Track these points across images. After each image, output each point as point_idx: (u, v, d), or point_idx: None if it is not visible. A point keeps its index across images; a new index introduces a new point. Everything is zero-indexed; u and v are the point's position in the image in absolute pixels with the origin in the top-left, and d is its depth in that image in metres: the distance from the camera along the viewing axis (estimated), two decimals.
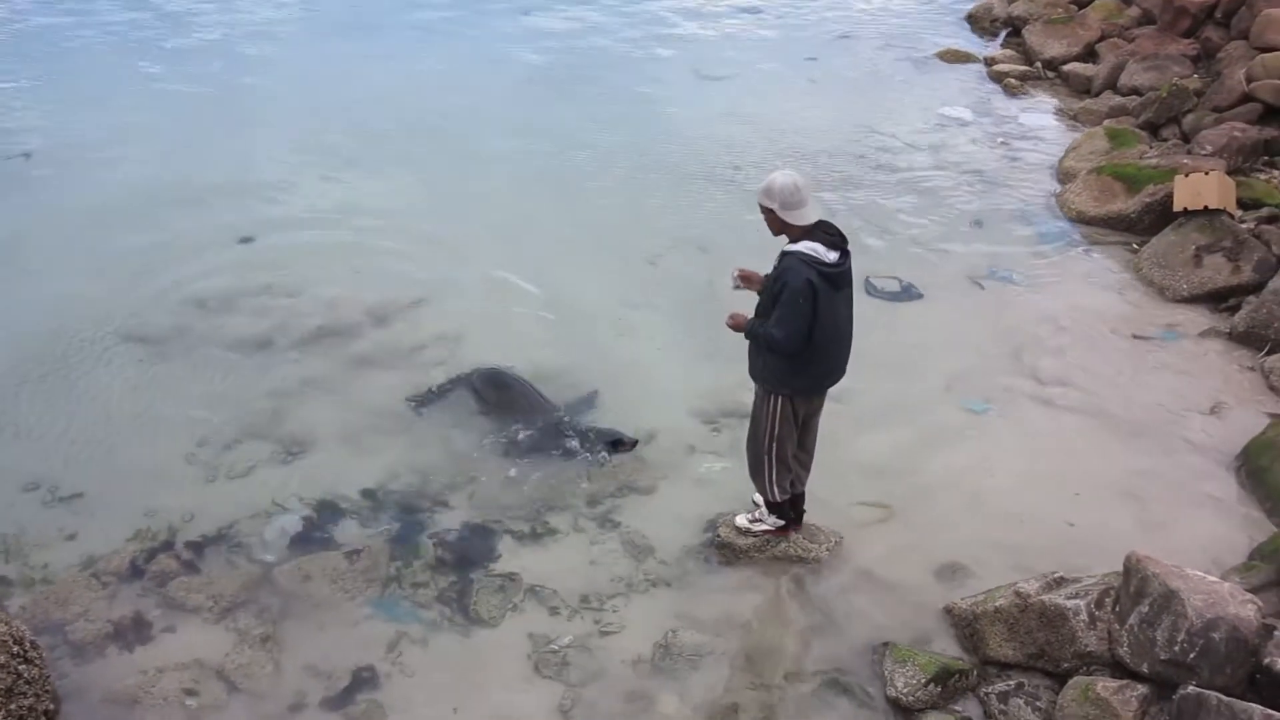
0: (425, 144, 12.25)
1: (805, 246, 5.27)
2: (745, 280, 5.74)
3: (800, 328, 5.28)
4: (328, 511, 6.72)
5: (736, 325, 5.66)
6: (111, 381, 7.93)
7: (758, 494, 6.25)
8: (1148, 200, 10.15)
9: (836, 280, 5.31)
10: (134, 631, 5.87)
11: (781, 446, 5.81)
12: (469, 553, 6.43)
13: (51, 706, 5.26)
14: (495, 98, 13.67)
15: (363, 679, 5.61)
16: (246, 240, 10.04)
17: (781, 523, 6.28)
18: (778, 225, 5.34)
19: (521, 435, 7.31)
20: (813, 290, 5.20)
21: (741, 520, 6.42)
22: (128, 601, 6.05)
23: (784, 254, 5.37)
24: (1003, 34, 16.27)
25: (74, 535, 6.50)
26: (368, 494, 6.87)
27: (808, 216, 5.26)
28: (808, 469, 6.17)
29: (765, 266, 5.60)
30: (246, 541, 6.47)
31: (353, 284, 9.25)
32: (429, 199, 10.95)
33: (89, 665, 5.64)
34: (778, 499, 6.05)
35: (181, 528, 6.55)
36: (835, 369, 5.66)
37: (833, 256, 5.28)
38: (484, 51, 15.50)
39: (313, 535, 6.54)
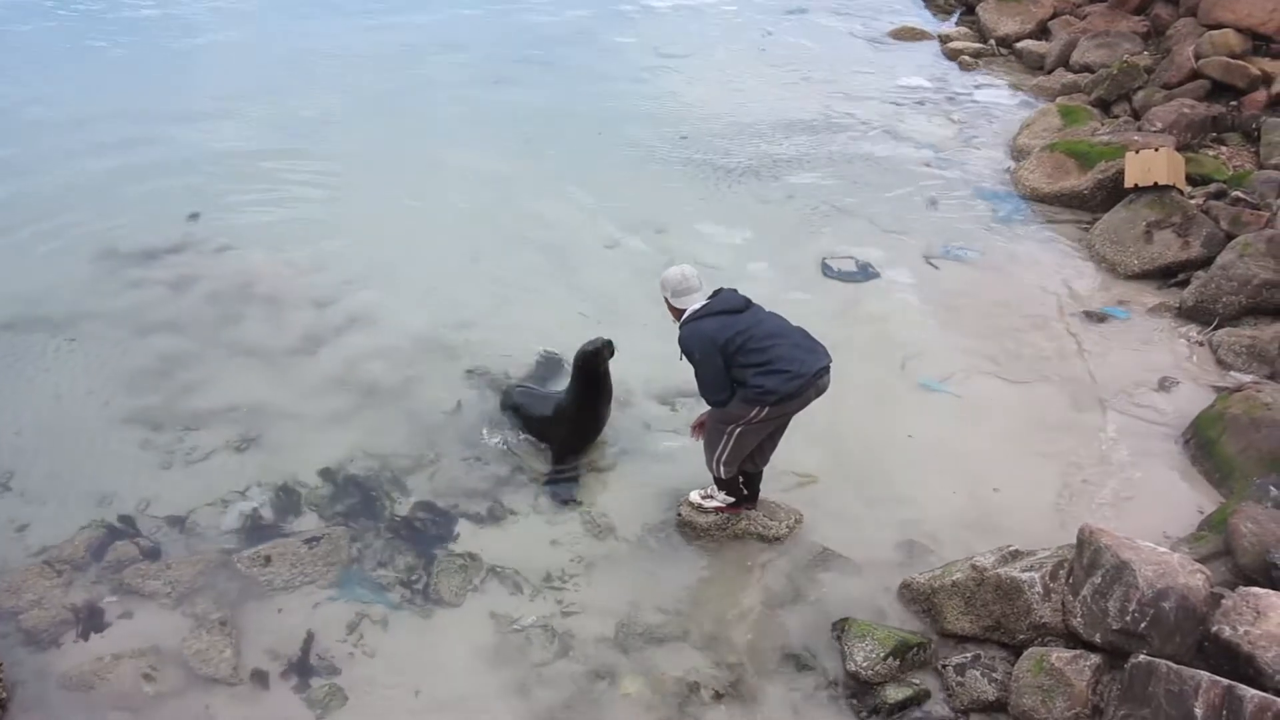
0: (381, 122, 12.12)
1: (686, 315, 5.65)
2: (700, 428, 6.08)
3: (712, 375, 5.53)
4: (286, 495, 6.66)
5: (701, 424, 6.06)
6: (60, 367, 7.78)
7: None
8: (1099, 177, 10.28)
9: (725, 306, 5.60)
10: (90, 618, 5.80)
11: (733, 458, 5.94)
12: (429, 534, 6.41)
13: (4, 695, 5.20)
14: (454, 76, 13.51)
15: (323, 662, 5.58)
16: (194, 216, 9.87)
17: (732, 499, 6.34)
18: (675, 312, 5.77)
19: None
20: (705, 336, 5.49)
21: (695, 495, 6.48)
22: (83, 588, 5.97)
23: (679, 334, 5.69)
24: (957, 11, 16.31)
25: (26, 525, 6.39)
26: (326, 476, 6.81)
27: (696, 302, 5.66)
28: (767, 458, 6.23)
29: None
30: (204, 527, 6.40)
31: (301, 263, 9.15)
32: (382, 177, 10.81)
33: (43, 653, 5.57)
34: (724, 476, 6.09)
35: (137, 514, 6.47)
36: (793, 368, 5.44)
37: (704, 300, 5.67)
38: (444, 26, 15.35)
39: (271, 519, 6.48)
